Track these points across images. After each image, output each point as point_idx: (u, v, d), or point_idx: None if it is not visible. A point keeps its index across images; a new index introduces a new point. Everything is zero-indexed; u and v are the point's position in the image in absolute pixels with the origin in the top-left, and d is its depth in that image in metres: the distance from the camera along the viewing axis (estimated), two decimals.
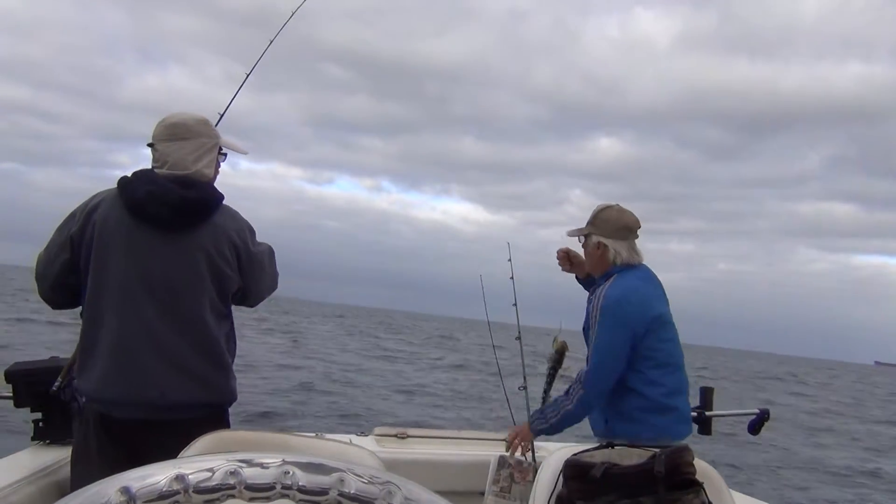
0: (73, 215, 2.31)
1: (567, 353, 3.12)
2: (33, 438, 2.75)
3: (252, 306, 2.56)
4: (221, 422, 2.37)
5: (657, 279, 2.99)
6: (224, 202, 2.37)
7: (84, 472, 2.23)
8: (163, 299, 2.24)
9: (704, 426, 3.51)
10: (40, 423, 2.74)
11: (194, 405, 2.27)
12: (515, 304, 3.39)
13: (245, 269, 2.38)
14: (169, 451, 1.54)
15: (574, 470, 1.77)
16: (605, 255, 2.93)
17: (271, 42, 3.19)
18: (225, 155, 2.48)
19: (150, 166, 2.37)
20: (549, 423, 2.88)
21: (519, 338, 3.34)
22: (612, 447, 1.85)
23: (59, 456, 2.61)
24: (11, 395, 2.70)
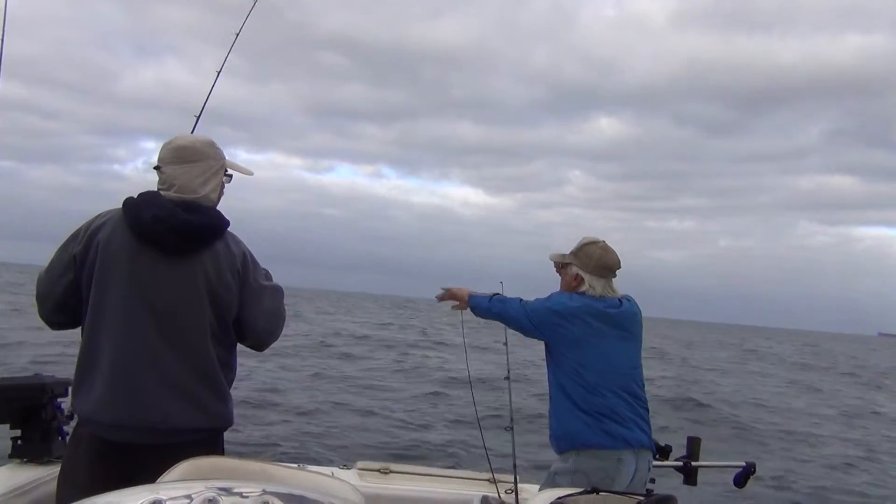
0: (75, 235, 2.30)
1: None
2: (10, 456, 2.71)
3: (256, 346, 2.48)
4: (216, 446, 2.34)
5: (624, 308, 3.09)
6: (228, 229, 2.36)
7: (72, 493, 2.15)
8: (164, 323, 2.22)
9: (690, 476, 3.49)
10: (19, 441, 2.70)
11: (193, 430, 2.25)
12: (506, 344, 3.42)
13: (242, 297, 2.35)
14: (161, 474, 1.52)
15: None
16: (580, 286, 3.09)
17: (237, 34, 3.19)
18: (230, 176, 2.47)
19: (151, 163, 2.39)
20: (478, 301, 3.22)
21: (508, 377, 3.34)
22: (598, 493, 1.83)
23: (37, 475, 2.57)
24: None
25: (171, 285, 2.24)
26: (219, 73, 2.99)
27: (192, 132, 2.78)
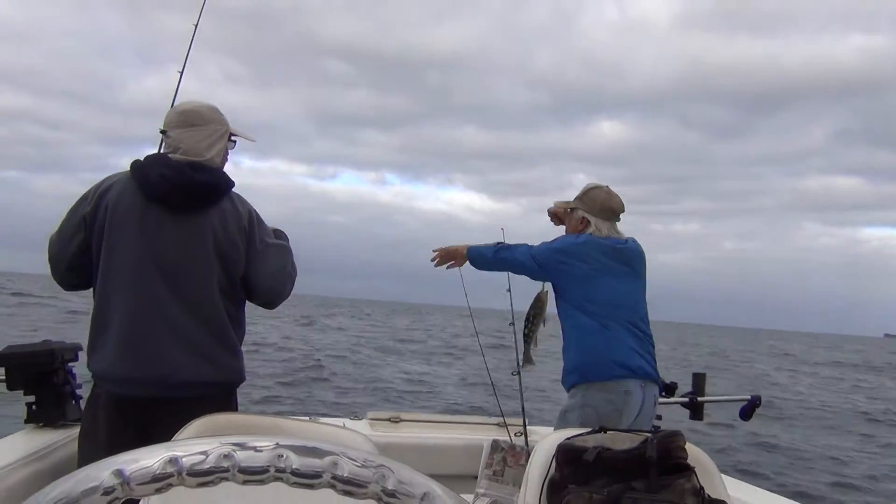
0: (85, 197, 2.35)
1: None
2: (26, 421, 2.75)
3: (265, 304, 2.51)
4: (230, 401, 2.41)
5: (628, 245, 3.12)
6: (234, 189, 2.41)
7: (92, 452, 2.24)
8: (173, 279, 2.28)
9: (696, 411, 3.53)
10: (33, 406, 2.74)
11: (204, 383, 2.30)
12: (509, 291, 3.42)
13: (248, 255, 2.39)
14: (178, 429, 1.55)
15: (567, 454, 1.78)
16: (586, 230, 3.12)
17: (196, 27, 3.10)
18: (234, 142, 2.52)
19: (158, 128, 2.42)
20: (480, 251, 3.25)
21: (513, 323, 3.35)
22: (605, 431, 1.85)
23: (53, 439, 2.61)
24: (4, 378, 2.70)
25: (179, 242, 2.29)
26: (181, 72, 2.91)
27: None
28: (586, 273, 3.00)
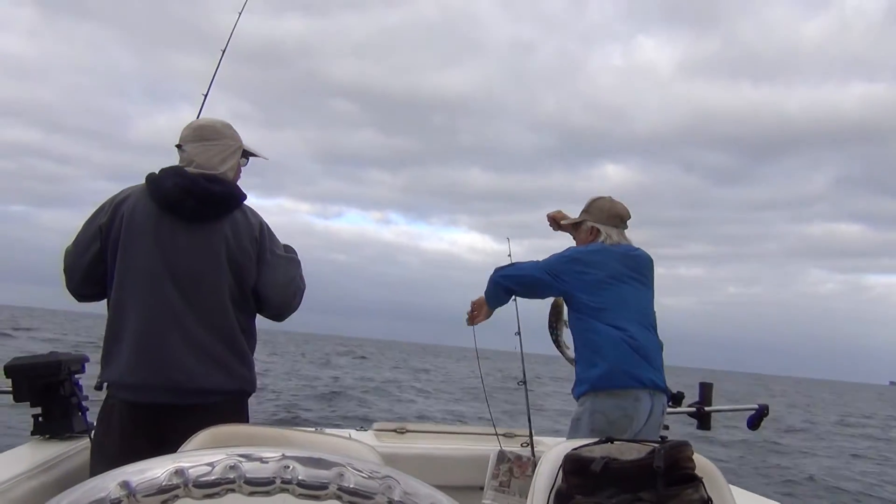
0: (101, 208, 2.41)
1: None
2: (33, 433, 2.75)
3: (274, 316, 2.54)
4: (242, 410, 2.44)
5: (638, 252, 3.13)
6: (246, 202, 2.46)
7: (105, 462, 2.22)
8: (186, 287, 2.32)
9: (703, 421, 3.52)
10: (40, 418, 2.74)
11: (218, 391, 2.33)
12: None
13: (259, 265, 2.42)
14: (191, 437, 1.56)
15: (574, 464, 1.77)
16: (597, 239, 3.12)
17: (224, 51, 3.22)
18: (247, 159, 2.59)
19: (174, 143, 2.47)
20: (487, 286, 3.22)
21: (518, 333, 3.35)
22: (612, 442, 1.84)
23: (59, 451, 2.61)
24: (11, 389, 2.71)
25: (191, 251, 2.33)
26: (205, 95, 3.05)
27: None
28: (601, 280, 2.99)
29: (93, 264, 2.38)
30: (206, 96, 3.03)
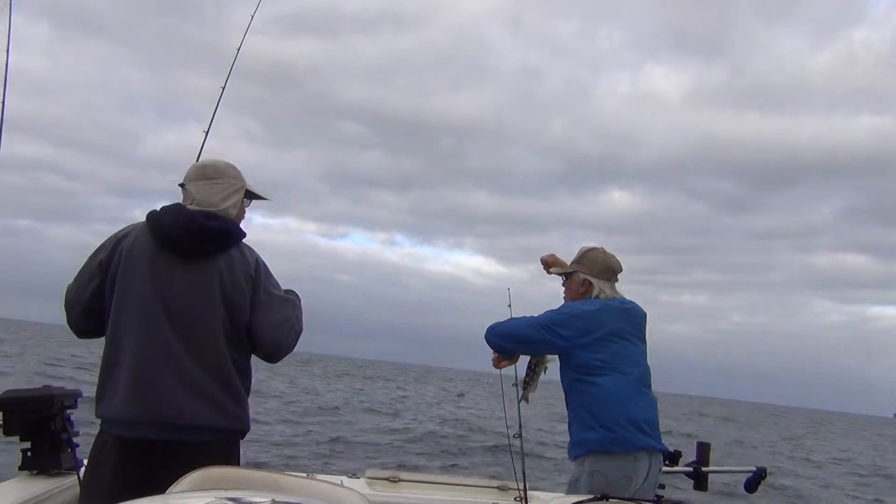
0: (103, 245, 2.44)
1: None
2: (21, 468, 2.71)
3: (267, 356, 2.52)
4: (233, 450, 2.41)
5: (632, 306, 3.12)
6: (244, 241, 2.48)
7: (95, 498, 2.24)
8: (180, 323, 2.32)
9: (700, 482, 3.47)
10: (28, 453, 2.71)
11: (209, 428, 2.31)
12: (516, 385, 3.38)
13: (253, 303, 2.41)
14: (182, 475, 1.54)
15: None
16: (589, 292, 3.10)
17: (224, 88, 3.28)
18: (250, 200, 2.62)
19: (176, 181, 2.51)
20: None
21: (516, 385, 3.33)
22: (607, 500, 1.82)
23: (46, 487, 2.57)
24: (1, 423, 2.68)
25: (186, 287, 2.34)
26: (206, 132, 3.07)
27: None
28: (602, 338, 2.95)
29: (92, 299, 2.41)
30: (206, 133, 3.05)
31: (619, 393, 2.91)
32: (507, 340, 3.14)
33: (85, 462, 2.78)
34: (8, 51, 2.92)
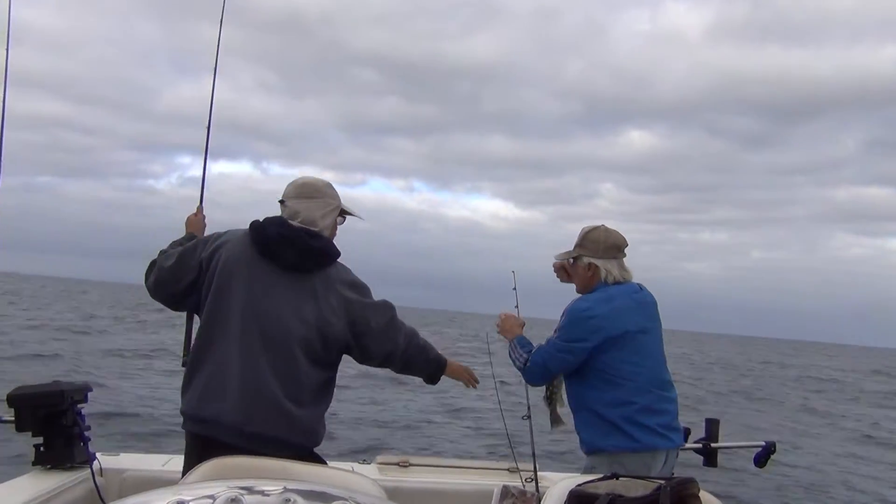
0: (206, 240, 2.56)
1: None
2: (34, 463, 2.73)
3: (384, 362, 2.63)
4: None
5: (644, 295, 3.04)
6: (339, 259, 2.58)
7: None
8: (270, 335, 2.40)
9: (710, 458, 3.47)
10: (41, 448, 2.73)
11: (276, 440, 2.34)
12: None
13: (352, 321, 2.50)
14: None
15: (578, 501, 1.75)
16: (597, 275, 3.00)
17: (218, 46, 3.38)
18: (344, 218, 2.69)
19: (270, 195, 2.73)
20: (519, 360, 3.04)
21: (529, 410, 3.30)
22: (617, 478, 1.82)
23: (60, 481, 2.59)
24: (13, 419, 2.69)
25: (281, 299, 2.43)
26: (213, 96, 3.21)
27: (205, 145, 3.15)
28: (620, 336, 2.87)
29: (184, 291, 2.54)
30: (215, 74, 3.20)
31: (633, 393, 2.85)
32: (548, 376, 3.04)
33: (98, 455, 2.81)
34: (8, 50, 2.92)
